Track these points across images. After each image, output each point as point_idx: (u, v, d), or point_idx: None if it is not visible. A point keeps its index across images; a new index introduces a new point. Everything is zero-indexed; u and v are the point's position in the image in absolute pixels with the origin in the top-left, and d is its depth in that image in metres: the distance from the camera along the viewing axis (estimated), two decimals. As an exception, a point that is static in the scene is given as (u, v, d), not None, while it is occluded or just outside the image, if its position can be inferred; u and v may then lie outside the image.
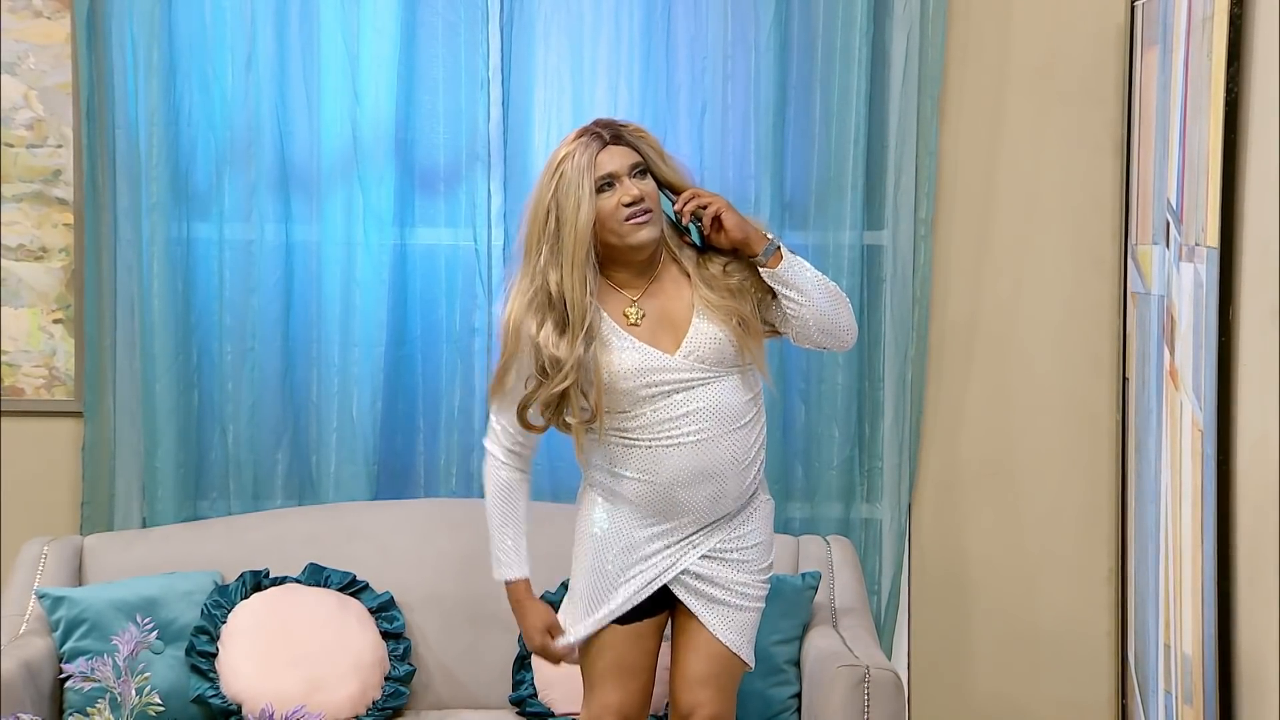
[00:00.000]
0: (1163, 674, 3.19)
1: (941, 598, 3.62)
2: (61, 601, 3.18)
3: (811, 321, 2.68)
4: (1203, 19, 2.91)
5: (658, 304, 2.70)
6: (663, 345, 2.67)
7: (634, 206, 2.64)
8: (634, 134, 2.69)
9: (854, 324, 2.74)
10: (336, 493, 3.52)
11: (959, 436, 3.61)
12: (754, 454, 2.71)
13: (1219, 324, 2.80)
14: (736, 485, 2.69)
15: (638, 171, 2.67)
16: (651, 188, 2.68)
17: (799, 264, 2.69)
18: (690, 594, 2.72)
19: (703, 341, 2.65)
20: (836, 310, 2.70)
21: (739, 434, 2.68)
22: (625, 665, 2.73)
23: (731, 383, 2.67)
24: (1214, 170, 2.82)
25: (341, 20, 3.46)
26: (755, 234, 2.67)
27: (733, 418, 2.66)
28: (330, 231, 3.51)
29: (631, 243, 2.66)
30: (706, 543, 2.71)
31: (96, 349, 3.52)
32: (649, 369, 2.64)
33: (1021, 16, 3.55)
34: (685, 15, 3.48)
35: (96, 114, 3.48)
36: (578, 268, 2.62)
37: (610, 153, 2.66)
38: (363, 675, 3.18)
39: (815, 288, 2.68)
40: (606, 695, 2.74)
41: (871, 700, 2.93)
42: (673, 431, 2.65)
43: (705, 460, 2.65)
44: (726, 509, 2.71)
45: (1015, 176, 3.58)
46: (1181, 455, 3.03)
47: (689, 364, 2.65)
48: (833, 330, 2.70)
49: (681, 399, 2.65)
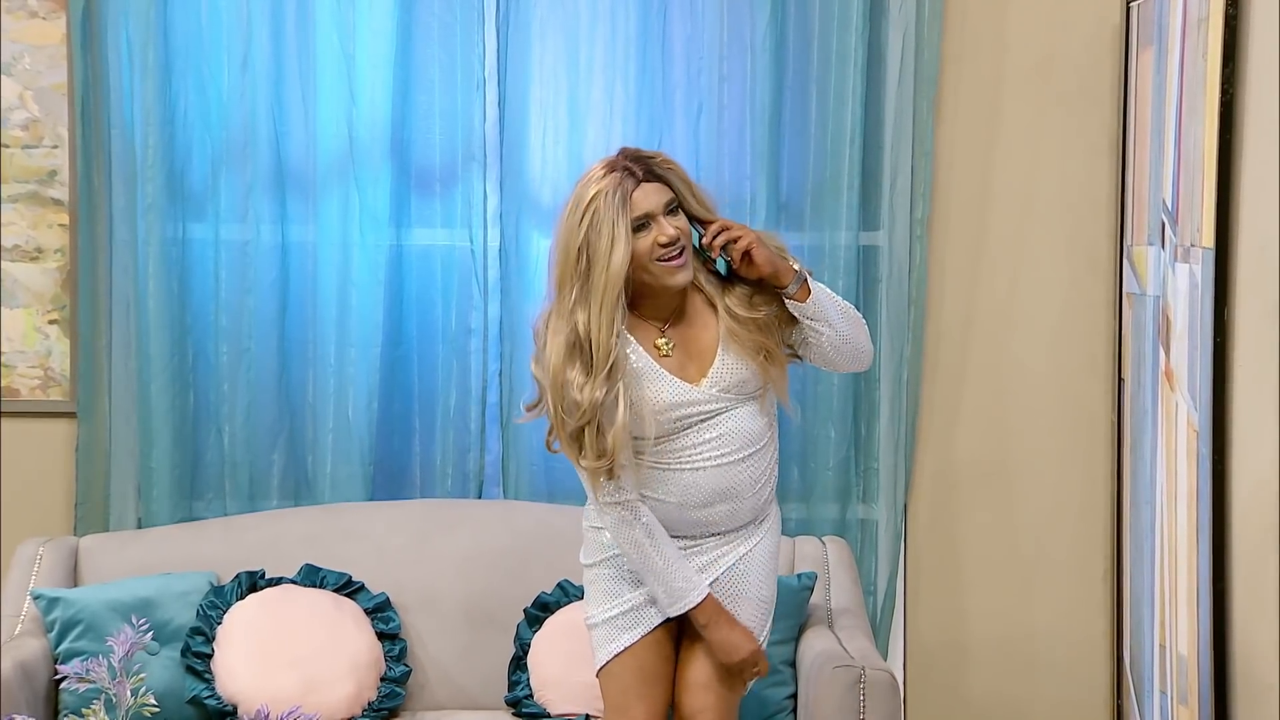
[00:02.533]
0: (1158, 674, 3.19)
1: (937, 598, 3.62)
2: (57, 602, 3.17)
3: (834, 349, 2.68)
4: (1198, 20, 2.92)
5: (685, 334, 2.68)
6: (689, 376, 2.66)
7: (669, 247, 2.60)
8: (663, 166, 2.63)
9: (871, 346, 2.74)
10: (332, 493, 3.52)
11: (955, 437, 3.61)
12: (769, 473, 2.74)
13: (1214, 325, 2.81)
14: (753, 502, 2.72)
15: (671, 209, 2.62)
16: (685, 224, 2.64)
17: (826, 295, 2.68)
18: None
19: (727, 373, 2.65)
20: (857, 335, 2.71)
21: (757, 456, 2.69)
22: (649, 674, 2.72)
23: (751, 408, 2.68)
24: (1209, 171, 2.82)
25: (337, 20, 3.46)
26: (784, 267, 2.64)
27: (752, 441, 2.68)
28: (326, 232, 3.51)
29: (668, 284, 2.62)
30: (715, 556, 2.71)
31: (92, 349, 3.51)
32: (680, 403, 2.64)
33: (1017, 17, 3.55)
34: (681, 16, 3.48)
35: (92, 114, 3.47)
36: (607, 309, 2.56)
37: (645, 191, 2.59)
38: (359, 676, 3.17)
39: (839, 317, 2.68)
40: (635, 708, 2.71)
41: (867, 700, 2.94)
42: (695, 457, 2.66)
43: (725, 482, 2.67)
44: (741, 521, 2.73)
45: (1011, 177, 3.58)
46: (1177, 456, 3.03)
47: (714, 394, 2.65)
48: (854, 355, 2.71)
49: (705, 426, 2.65)
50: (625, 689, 2.71)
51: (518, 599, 3.25)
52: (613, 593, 2.72)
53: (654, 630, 2.71)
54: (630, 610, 2.71)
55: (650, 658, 2.71)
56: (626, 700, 2.70)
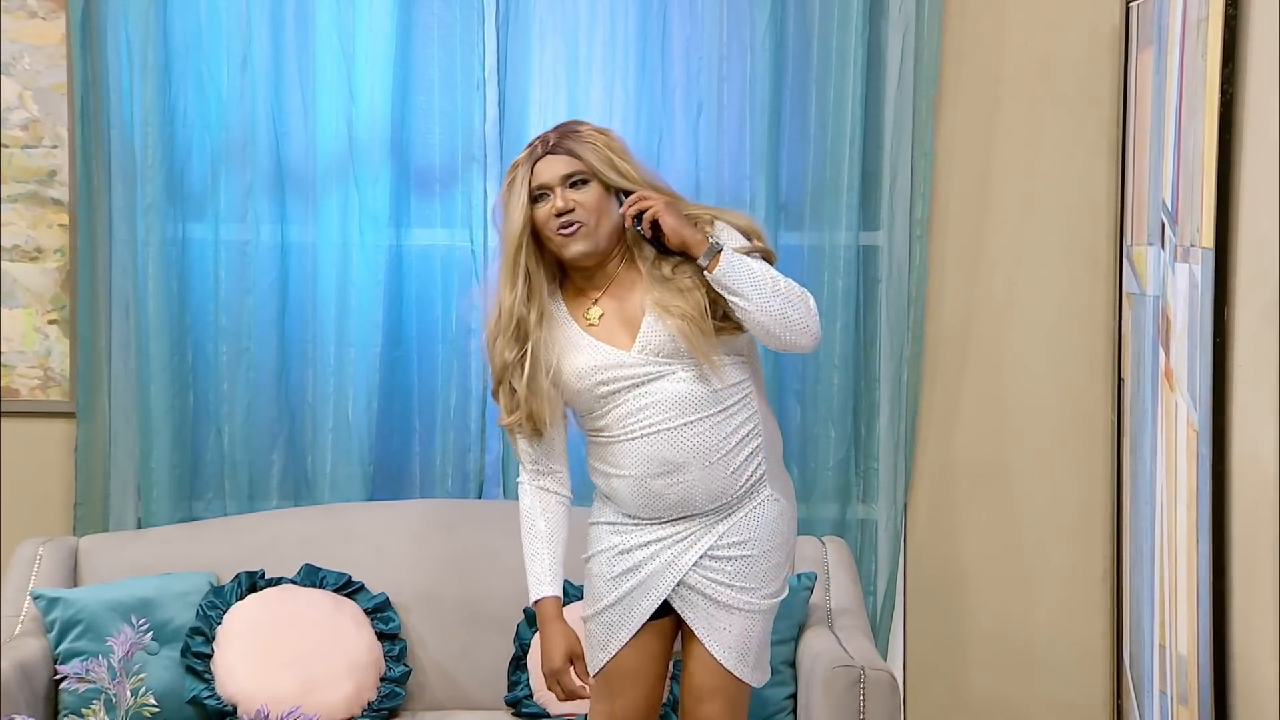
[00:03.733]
0: (1158, 674, 3.19)
1: (937, 598, 3.62)
2: (57, 602, 3.17)
3: (761, 321, 2.63)
4: (1198, 20, 2.92)
5: (616, 304, 2.71)
6: (619, 343, 2.68)
7: (562, 218, 2.66)
8: (585, 139, 2.68)
9: (810, 323, 2.64)
10: (332, 493, 3.52)
11: (954, 437, 3.61)
12: (729, 447, 2.67)
13: (1214, 325, 2.81)
14: (707, 477, 2.66)
15: (575, 181, 2.67)
16: (590, 198, 2.67)
17: (741, 266, 2.63)
18: (687, 607, 2.71)
19: (654, 336, 2.67)
20: (788, 308, 2.63)
21: (704, 424, 2.66)
22: (626, 671, 2.72)
23: (690, 374, 2.66)
24: (1209, 171, 2.82)
25: (337, 20, 3.46)
26: (693, 238, 2.64)
27: (691, 408, 2.65)
28: (326, 232, 3.51)
29: (565, 255, 2.69)
30: (706, 538, 2.69)
31: (91, 349, 3.51)
32: (604, 366, 2.66)
33: (1017, 17, 3.55)
34: (681, 16, 3.48)
35: (91, 114, 3.47)
36: (506, 272, 2.68)
37: (546, 162, 2.67)
38: (358, 676, 3.17)
39: (759, 288, 2.62)
40: (607, 701, 2.73)
41: (867, 701, 2.94)
42: (636, 424, 2.66)
43: (669, 450, 2.65)
44: (705, 504, 2.68)
45: (1010, 177, 3.58)
46: (1176, 456, 3.03)
47: (644, 359, 2.66)
48: (786, 330, 2.63)
49: (641, 392, 2.66)
50: (609, 684, 2.73)
51: (517, 599, 3.24)
52: (596, 593, 2.74)
53: (639, 633, 2.70)
54: (611, 607, 2.71)
55: (634, 658, 2.71)
56: (610, 692, 2.73)
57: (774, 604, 2.74)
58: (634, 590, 2.70)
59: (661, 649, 2.75)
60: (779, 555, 2.74)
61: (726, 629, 2.69)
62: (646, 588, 2.70)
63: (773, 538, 2.73)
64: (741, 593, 2.70)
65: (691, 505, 2.68)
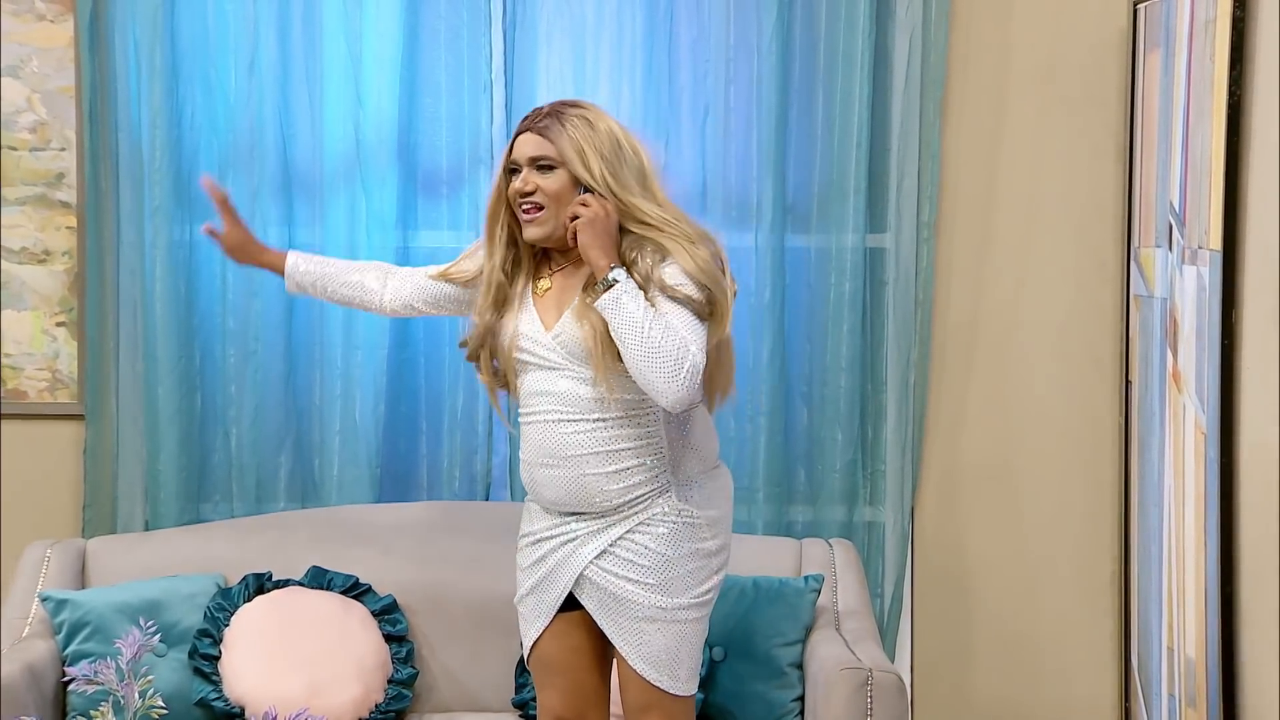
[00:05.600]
0: (1166, 677, 3.18)
1: (944, 600, 3.62)
2: (64, 604, 3.18)
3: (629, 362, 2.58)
4: (1205, 22, 2.92)
5: (562, 285, 2.73)
6: (547, 322, 2.71)
7: (523, 198, 2.69)
8: (569, 124, 2.66)
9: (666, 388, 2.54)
10: (339, 495, 3.52)
11: (962, 439, 3.61)
12: (603, 455, 2.64)
13: (1221, 327, 2.81)
14: (602, 481, 2.65)
15: (541, 165, 2.67)
16: (553, 185, 2.66)
17: (618, 310, 2.56)
18: (595, 605, 2.68)
19: (565, 330, 2.68)
20: (647, 365, 2.54)
21: (582, 426, 2.65)
22: (548, 661, 2.74)
23: (587, 378, 2.66)
24: (1217, 173, 2.82)
25: (344, 23, 3.46)
26: (596, 263, 2.61)
27: (578, 408, 2.66)
28: (333, 235, 3.51)
29: (523, 235, 2.73)
30: (595, 541, 2.67)
31: (99, 352, 3.52)
32: (528, 335, 2.71)
33: (1023, 20, 3.55)
34: (688, 18, 3.49)
35: (99, 117, 3.48)
36: (487, 238, 2.74)
37: (524, 139, 2.69)
38: (365, 678, 3.17)
39: (630, 334, 2.56)
40: (541, 695, 2.77)
41: (874, 703, 2.93)
42: (532, 407, 2.70)
43: (557, 443, 2.66)
44: (576, 503, 2.66)
45: (1017, 179, 3.58)
46: (1184, 458, 3.03)
47: (553, 345, 2.69)
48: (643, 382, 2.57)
49: (544, 376, 2.69)
50: (539, 674, 2.76)
51: (525, 601, 3.25)
52: (517, 580, 2.78)
53: (555, 623, 2.72)
54: (526, 596, 2.75)
55: (554, 648, 2.73)
56: (540, 688, 2.77)
57: (695, 615, 2.68)
58: (542, 581, 2.72)
59: (582, 640, 2.73)
60: (682, 567, 2.66)
61: (641, 641, 2.66)
62: (552, 579, 2.71)
63: (674, 548, 2.65)
64: (645, 589, 2.64)
65: (566, 502, 2.68)
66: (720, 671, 3.15)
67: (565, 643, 2.73)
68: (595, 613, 2.69)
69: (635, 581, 2.66)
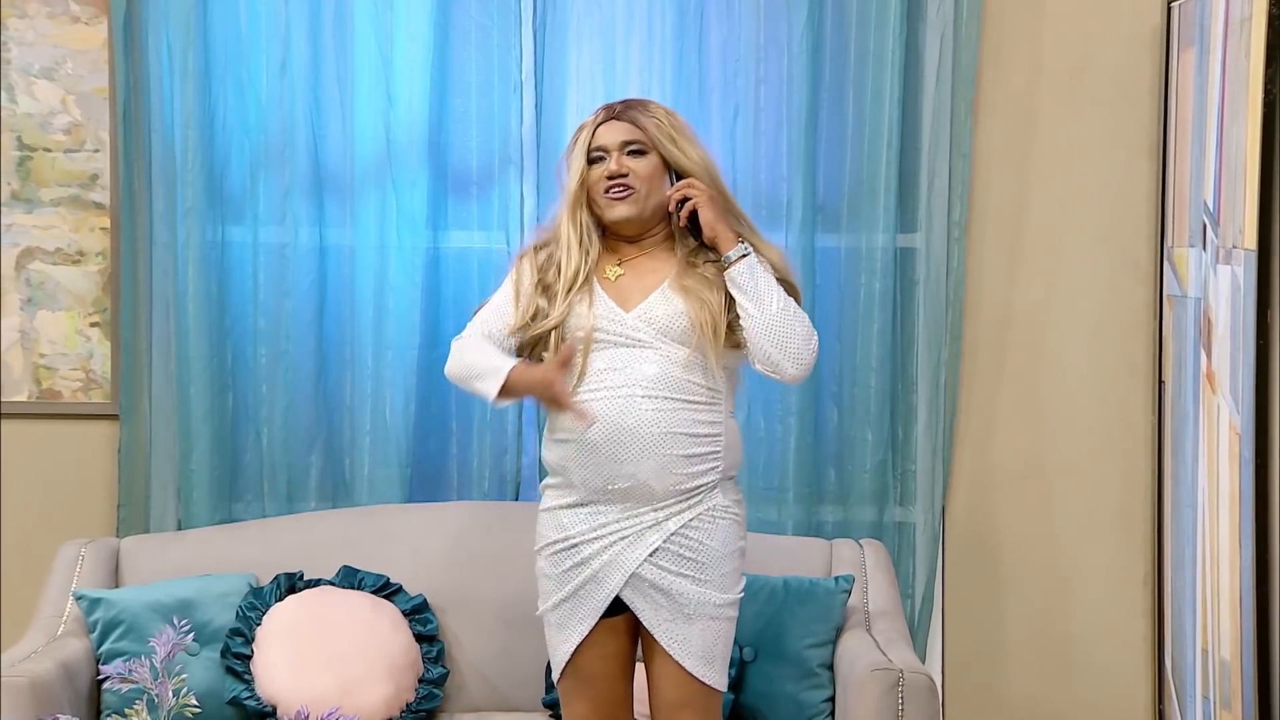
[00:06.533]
0: (1200, 679, 3.17)
1: (976, 601, 3.61)
2: (99, 603, 3.20)
3: (761, 333, 2.67)
4: (1241, 20, 2.90)
5: (637, 272, 2.76)
6: (626, 304, 2.72)
7: (613, 180, 2.72)
8: (651, 113, 2.75)
9: (804, 355, 2.68)
10: (370, 495, 3.53)
11: (993, 440, 3.60)
12: (684, 437, 2.65)
13: (1256, 327, 2.79)
14: (679, 464, 2.64)
15: (632, 150, 2.73)
16: (645, 168, 2.73)
17: (760, 275, 2.70)
18: (646, 603, 2.67)
19: (657, 308, 2.70)
20: (789, 332, 2.67)
21: (665, 404, 2.65)
22: (586, 674, 2.72)
23: (673, 358, 2.67)
24: (1252, 172, 2.80)
25: (375, 24, 3.48)
26: (726, 235, 2.71)
27: (669, 387, 2.66)
28: (363, 235, 3.52)
29: (608, 217, 2.75)
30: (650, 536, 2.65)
31: (132, 352, 3.54)
32: (604, 315, 2.70)
33: (1056, 18, 3.53)
34: (718, 18, 3.48)
35: (133, 118, 3.50)
36: (565, 226, 2.76)
37: (609, 127, 2.75)
38: (396, 677, 3.18)
39: (770, 301, 2.68)
40: (574, 705, 2.74)
41: (906, 704, 2.93)
42: (604, 384, 2.66)
43: (637, 419, 2.64)
44: (663, 487, 2.65)
45: (1049, 179, 3.56)
46: (1219, 459, 3.01)
47: (639, 324, 2.69)
48: (779, 350, 2.66)
49: (621, 354, 2.68)
50: (573, 689, 2.73)
51: (555, 601, 3.26)
52: (545, 591, 2.75)
53: (591, 633, 2.69)
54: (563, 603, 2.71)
55: (590, 657, 2.70)
56: (568, 697, 2.74)
57: (733, 613, 2.71)
58: (584, 585, 2.69)
59: (620, 646, 2.73)
60: (730, 564, 2.70)
61: (687, 637, 2.66)
62: (598, 581, 2.68)
63: (725, 545, 2.70)
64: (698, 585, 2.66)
65: (637, 483, 2.64)
66: (751, 672, 3.15)
67: (603, 650, 2.72)
68: (643, 611, 2.68)
69: (690, 578, 2.66)
